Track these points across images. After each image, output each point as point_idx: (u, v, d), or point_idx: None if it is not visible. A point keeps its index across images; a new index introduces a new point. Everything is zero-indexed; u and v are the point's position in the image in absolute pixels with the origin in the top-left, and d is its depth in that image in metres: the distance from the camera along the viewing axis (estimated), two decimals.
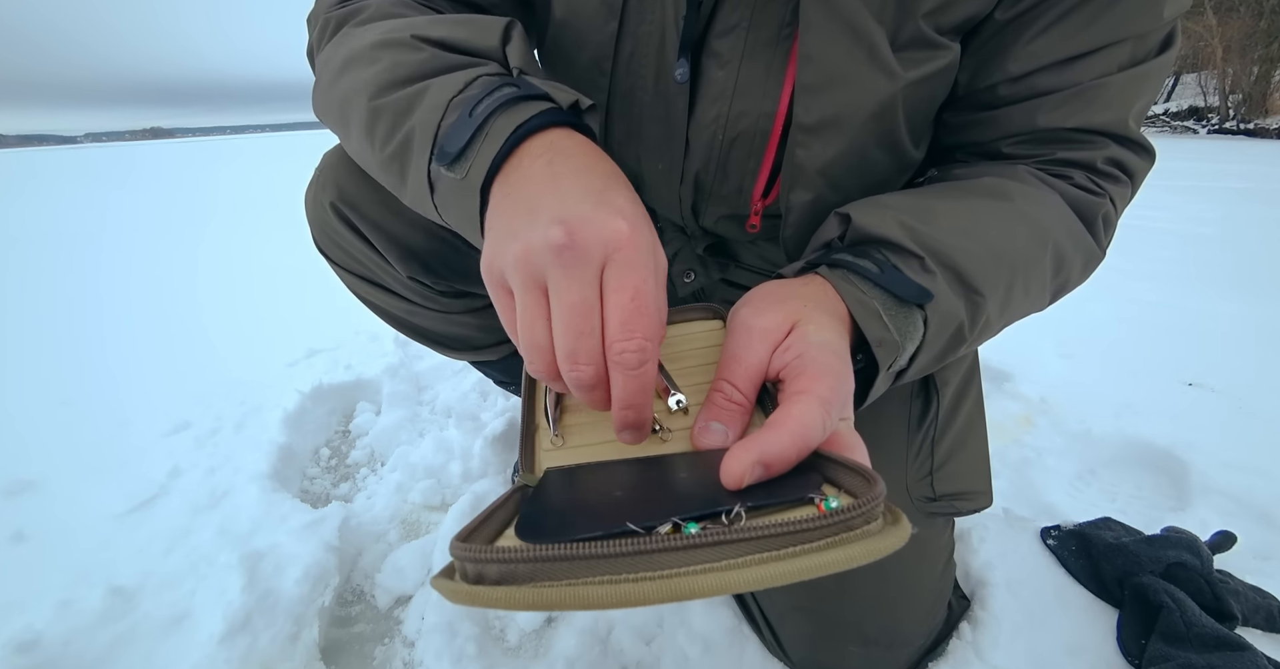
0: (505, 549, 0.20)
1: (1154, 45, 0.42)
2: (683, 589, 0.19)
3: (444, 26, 0.40)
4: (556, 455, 0.34)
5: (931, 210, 0.39)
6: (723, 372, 0.33)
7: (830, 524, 0.21)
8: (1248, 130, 10.91)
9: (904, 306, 0.36)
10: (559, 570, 0.20)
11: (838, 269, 0.37)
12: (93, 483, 0.96)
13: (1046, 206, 0.42)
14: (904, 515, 0.23)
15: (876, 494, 0.22)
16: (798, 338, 0.32)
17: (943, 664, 0.62)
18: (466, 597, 0.20)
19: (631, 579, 0.20)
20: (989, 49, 0.43)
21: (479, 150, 0.34)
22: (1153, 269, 2.03)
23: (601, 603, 0.19)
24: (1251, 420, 1.08)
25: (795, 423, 0.27)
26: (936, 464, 0.56)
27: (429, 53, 0.39)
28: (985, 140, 0.46)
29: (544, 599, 0.20)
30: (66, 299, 2.06)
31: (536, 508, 0.27)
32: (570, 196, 0.30)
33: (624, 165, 0.54)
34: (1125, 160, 0.45)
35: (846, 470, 0.26)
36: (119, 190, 5.96)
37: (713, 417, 0.32)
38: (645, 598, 0.19)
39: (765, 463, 0.25)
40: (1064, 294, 0.47)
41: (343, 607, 0.75)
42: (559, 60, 0.51)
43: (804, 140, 0.44)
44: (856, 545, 0.21)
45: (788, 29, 0.42)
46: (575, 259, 0.28)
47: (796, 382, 0.30)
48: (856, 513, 0.21)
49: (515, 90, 0.35)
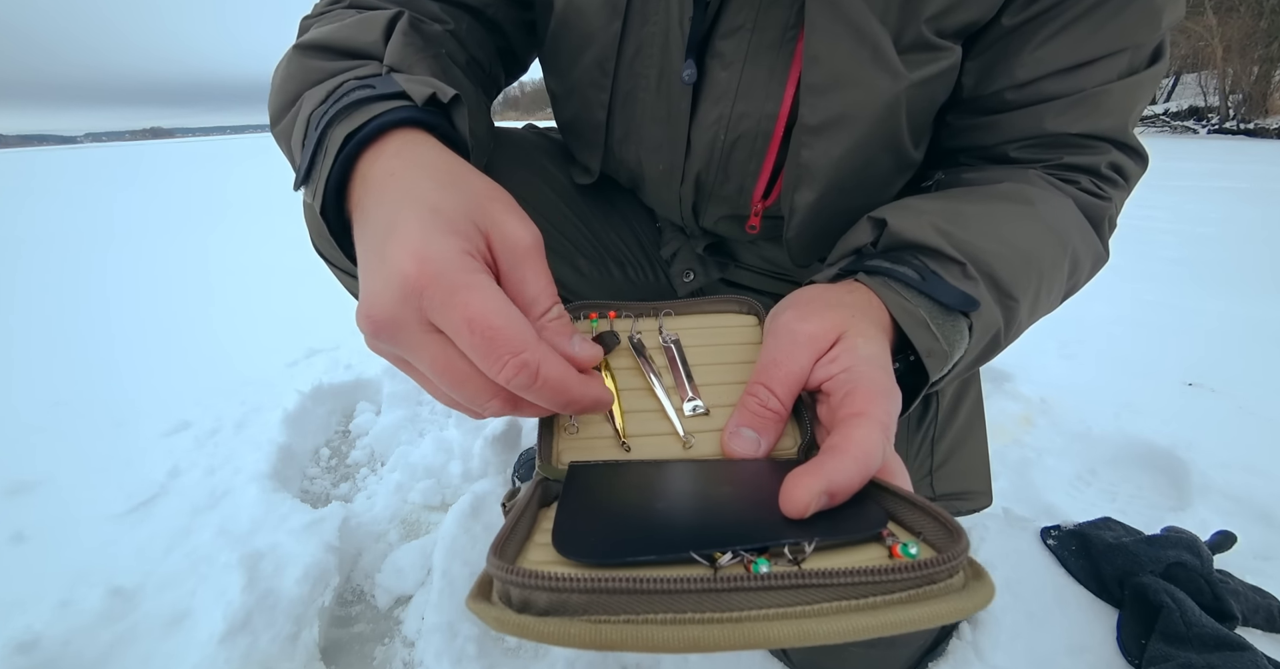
0: (558, 577, 0.19)
1: (1147, 56, 0.43)
2: (757, 636, 0.18)
3: (329, 30, 0.39)
4: (576, 445, 0.33)
5: (964, 215, 0.38)
6: (760, 375, 0.31)
7: (912, 577, 0.19)
8: (1248, 130, 10.91)
9: (949, 314, 0.35)
10: (616, 603, 0.19)
11: (876, 276, 0.36)
12: (93, 483, 0.96)
13: (1062, 211, 0.42)
14: (986, 571, 0.21)
15: (962, 548, 0.20)
16: (845, 350, 0.31)
17: (943, 664, 0.62)
18: (515, 628, 0.18)
19: (699, 620, 0.18)
20: (994, 54, 0.43)
21: (320, 167, 0.32)
22: (1153, 269, 2.03)
23: (668, 646, 0.18)
24: (1251, 420, 1.08)
25: (859, 449, 0.25)
26: (936, 464, 0.56)
27: (308, 63, 0.37)
28: (991, 144, 0.46)
29: (602, 637, 0.18)
30: (66, 299, 2.06)
31: (571, 515, 0.25)
32: (368, 262, 0.28)
33: (624, 165, 0.54)
34: (1124, 165, 0.46)
35: (915, 510, 0.24)
36: (119, 190, 5.96)
37: (746, 422, 0.31)
38: (716, 644, 0.18)
39: (831, 492, 0.24)
40: (1073, 294, 0.47)
41: (343, 607, 0.75)
42: (561, 60, 0.51)
43: (808, 141, 0.44)
44: (942, 603, 0.19)
45: (792, 31, 0.42)
46: (392, 334, 0.27)
47: (850, 401, 0.28)
48: (941, 567, 0.20)
49: (368, 91, 0.33)
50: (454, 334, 0.26)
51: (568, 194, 0.60)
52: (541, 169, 0.59)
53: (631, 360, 0.37)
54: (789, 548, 0.21)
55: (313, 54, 0.38)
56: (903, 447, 0.56)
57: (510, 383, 0.26)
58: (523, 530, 0.24)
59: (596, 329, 0.40)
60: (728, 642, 0.18)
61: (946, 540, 0.22)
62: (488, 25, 0.51)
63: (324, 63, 0.37)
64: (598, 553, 0.21)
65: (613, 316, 0.41)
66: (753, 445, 0.30)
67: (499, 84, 0.55)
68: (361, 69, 0.36)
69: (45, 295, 2.13)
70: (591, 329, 0.40)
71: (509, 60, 0.55)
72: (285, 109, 0.37)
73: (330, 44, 0.38)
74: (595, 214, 0.62)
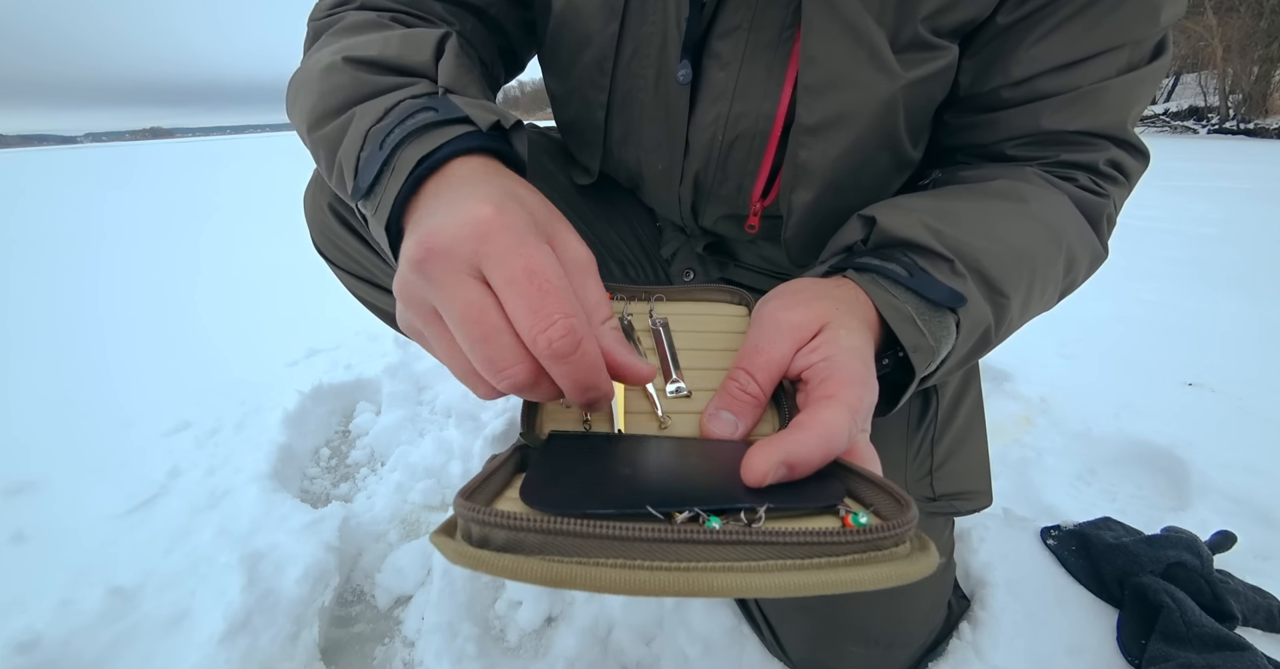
0: (517, 515, 0.19)
1: (1148, 51, 0.43)
2: (700, 585, 0.19)
3: (377, 45, 0.39)
4: (561, 417, 0.33)
5: (954, 212, 0.39)
6: (742, 361, 0.32)
7: (858, 541, 0.20)
8: (1248, 130, 10.91)
9: (936, 311, 0.35)
10: (570, 546, 0.19)
11: (865, 273, 0.36)
12: (93, 483, 0.96)
13: (1058, 208, 0.42)
14: (932, 544, 0.22)
15: (910, 518, 0.21)
16: (827, 340, 0.31)
17: (943, 664, 0.62)
18: (470, 560, 0.19)
19: (647, 566, 0.19)
20: (990, 52, 0.43)
21: (386, 185, 0.33)
22: (1153, 269, 2.03)
23: (614, 587, 0.19)
24: (1251, 420, 1.08)
25: (823, 427, 0.26)
26: (936, 464, 0.56)
27: (359, 76, 0.38)
28: (988, 142, 0.46)
29: (552, 574, 0.19)
30: (66, 299, 2.06)
31: (542, 473, 0.25)
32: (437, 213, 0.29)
33: (623, 165, 0.55)
34: (1123, 162, 0.45)
35: (871, 486, 0.25)
36: (119, 190, 5.96)
37: (725, 405, 0.31)
38: (661, 588, 0.19)
39: (790, 464, 0.25)
40: (1070, 293, 0.47)
41: (343, 607, 0.75)
42: (559, 61, 0.51)
43: (806, 141, 0.44)
44: (884, 566, 0.20)
45: (789, 31, 0.42)
46: (437, 266, 0.26)
47: (824, 386, 0.29)
48: (887, 534, 0.21)
49: (432, 115, 0.34)
50: (509, 282, 0.25)
51: (568, 193, 0.60)
52: (541, 168, 0.59)
53: None
54: (744, 512, 0.22)
55: (363, 68, 0.38)
56: (902, 447, 0.56)
57: (552, 345, 0.25)
58: (494, 486, 0.25)
59: None
60: (672, 587, 0.19)
61: (896, 511, 0.23)
62: (490, 26, 0.51)
63: (376, 77, 0.38)
64: (560, 505, 0.22)
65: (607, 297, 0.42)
66: (730, 428, 0.31)
67: (499, 84, 0.55)
68: (415, 87, 0.37)
69: (45, 295, 2.13)
70: None
71: (509, 60, 0.55)
72: (330, 117, 0.38)
73: (380, 60, 0.39)
74: (595, 214, 0.62)
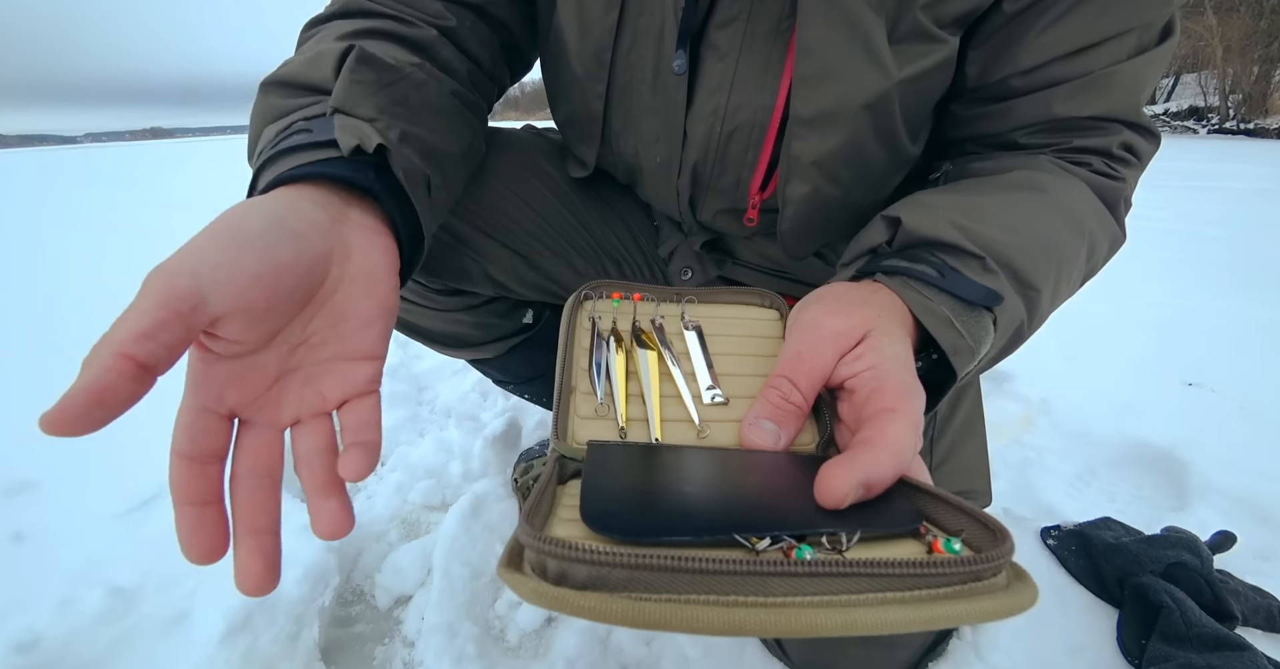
0: (600, 551, 0.18)
1: (1156, 33, 0.42)
2: (801, 623, 0.17)
3: (290, 65, 0.40)
4: (594, 425, 0.32)
5: (978, 208, 0.38)
6: (784, 368, 0.31)
7: (959, 572, 0.19)
8: (1248, 130, 10.92)
9: (972, 310, 0.34)
10: (658, 581, 0.18)
11: (895, 276, 0.35)
12: (93, 483, 0.96)
13: (1076, 195, 0.42)
14: (1028, 573, 0.21)
15: (1008, 548, 0.20)
16: (871, 348, 0.30)
17: (943, 664, 0.62)
18: (553, 601, 0.18)
19: (743, 603, 0.18)
20: (998, 41, 0.43)
21: None
22: (1153, 269, 2.03)
23: (710, 627, 0.17)
24: (1251, 420, 1.08)
25: (894, 443, 0.25)
26: (935, 463, 0.56)
27: (268, 100, 0.38)
28: (1000, 131, 0.46)
29: (645, 616, 0.17)
30: (67, 299, 2.06)
31: (598, 492, 0.24)
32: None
33: (621, 157, 0.55)
34: (1135, 144, 0.45)
35: (948, 508, 0.24)
36: (119, 190, 5.96)
37: (767, 414, 0.31)
38: (761, 628, 0.17)
39: (868, 484, 0.24)
40: (1091, 278, 0.46)
41: (343, 607, 0.75)
42: (560, 53, 0.51)
43: (800, 133, 0.43)
44: (988, 600, 0.19)
45: (786, 22, 0.42)
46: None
47: (881, 397, 0.28)
48: (987, 565, 0.20)
49: (305, 137, 0.34)
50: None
51: (564, 193, 0.60)
52: (538, 168, 0.59)
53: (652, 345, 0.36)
54: (827, 538, 0.21)
55: (274, 90, 0.39)
56: None
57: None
58: (545, 505, 0.24)
59: (618, 309, 0.40)
60: (772, 627, 0.18)
61: (989, 540, 0.22)
62: (492, 23, 0.51)
63: (281, 100, 0.38)
64: (631, 530, 0.20)
65: (637, 299, 0.41)
66: (772, 437, 0.30)
67: (503, 83, 0.55)
68: (313, 107, 0.37)
69: (45, 295, 2.13)
70: (614, 308, 0.40)
71: (514, 57, 0.55)
72: (253, 145, 0.38)
73: (288, 79, 0.39)
74: (592, 213, 0.62)
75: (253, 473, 0.29)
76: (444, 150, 0.41)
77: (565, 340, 0.36)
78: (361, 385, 0.31)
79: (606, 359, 0.35)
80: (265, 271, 0.27)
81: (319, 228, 0.30)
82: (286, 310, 0.28)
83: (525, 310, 0.70)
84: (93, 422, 0.22)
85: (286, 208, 0.30)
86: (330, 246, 0.30)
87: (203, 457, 0.28)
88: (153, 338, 0.23)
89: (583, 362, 0.35)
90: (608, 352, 0.35)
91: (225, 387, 0.28)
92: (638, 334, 0.37)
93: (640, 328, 0.38)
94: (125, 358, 0.22)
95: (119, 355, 0.22)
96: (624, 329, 0.38)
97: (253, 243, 0.27)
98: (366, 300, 0.31)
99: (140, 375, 0.23)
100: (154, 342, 0.23)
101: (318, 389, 0.30)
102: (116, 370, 0.22)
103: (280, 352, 0.29)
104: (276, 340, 0.29)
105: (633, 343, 0.36)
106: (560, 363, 0.34)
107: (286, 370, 0.29)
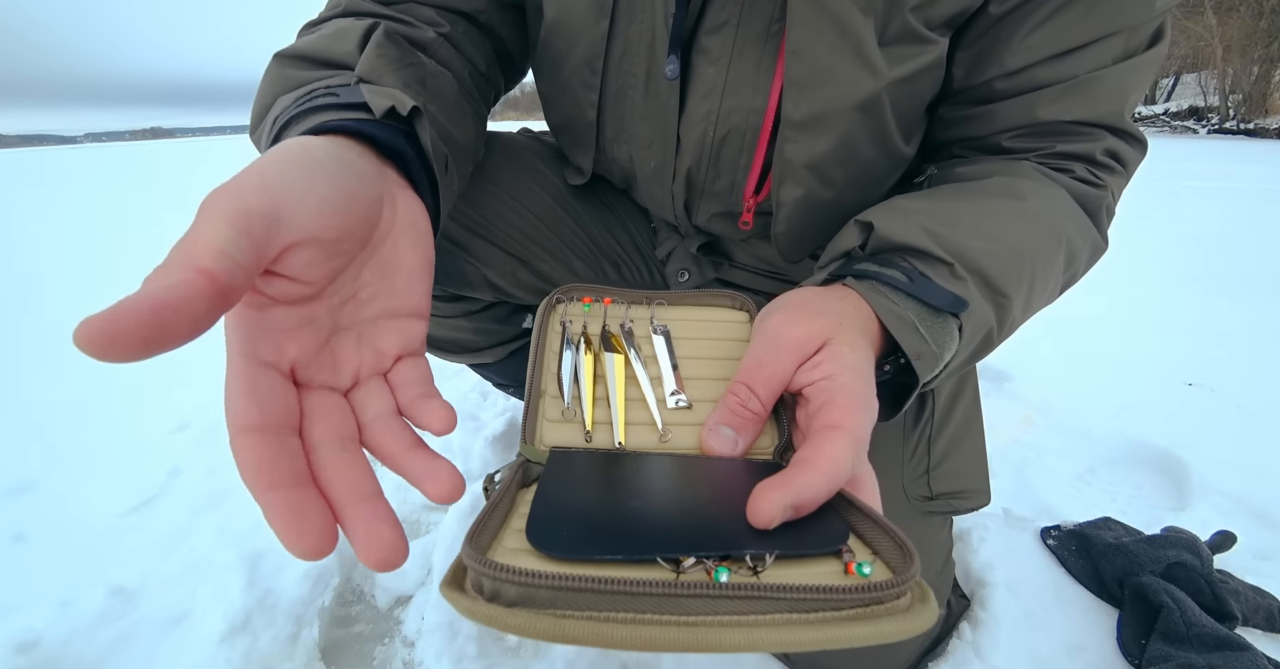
0: (528, 573, 0.19)
1: (1145, 38, 0.42)
2: (708, 641, 0.19)
3: (308, 41, 0.39)
4: (560, 430, 0.33)
5: (952, 214, 0.38)
6: (744, 375, 0.32)
7: (861, 597, 0.21)
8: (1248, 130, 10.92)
9: (938, 316, 0.35)
10: (582, 600, 0.20)
11: (865, 280, 0.36)
12: (93, 483, 0.96)
13: (1056, 203, 0.42)
14: (932, 593, 0.22)
15: (912, 573, 0.21)
16: (829, 357, 0.31)
17: (943, 664, 0.62)
18: (484, 618, 0.19)
19: (657, 622, 0.19)
20: (984, 43, 0.43)
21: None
22: (1152, 269, 2.03)
23: (624, 643, 0.19)
24: (1251, 420, 1.08)
25: (829, 464, 0.26)
26: (933, 463, 0.56)
27: (284, 72, 0.38)
28: (983, 134, 0.46)
29: (564, 631, 0.19)
30: (66, 299, 2.06)
31: (547, 506, 0.25)
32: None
33: (616, 163, 0.55)
34: (1121, 151, 0.45)
35: (873, 526, 0.25)
36: (119, 190, 5.96)
37: (726, 421, 0.31)
38: (670, 645, 0.19)
39: (798, 506, 0.24)
40: (1071, 286, 0.47)
41: (343, 607, 0.75)
42: (551, 61, 0.51)
43: (792, 136, 0.44)
44: (884, 622, 0.20)
45: (776, 25, 0.42)
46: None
47: (829, 412, 0.28)
48: (889, 591, 0.21)
49: (332, 99, 0.32)
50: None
51: (562, 196, 0.60)
52: (536, 172, 0.59)
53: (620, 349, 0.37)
54: (750, 557, 0.23)
55: (290, 63, 0.39)
56: (899, 446, 0.56)
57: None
58: (501, 512, 0.25)
59: (589, 313, 0.40)
60: (681, 644, 0.19)
61: (900, 561, 0.23)
62: (483, 30, 0.51)
63: (299, 72, 0.38)
64: (568, 548, 0.22)
65: (607, 303, 0.41)
66: (730, 444, 0.31)
67: (498, 87, 0.55)
68: (334, 79, 0.36)
69: (45, 295, 2.13)
70: (584, 313, 0.40)
71: (506, 64, 0.55)
72: (261, 116, 0.38)
73: (307, 54, 0.38)
74: (590, 216, 0.62)
75: (335, 436, 0.25)
76: (455, 139, 0.42)
77: (537, 344, 0.37)
78: (416, 343, 0.29)
79: (575, 363, 0.36)
80: (337, 197, 0.24)
81: (370, 170, 0.28)
82: (350, 247, 0.26)
83: (525, 315, 0.70)
84: (144, 342, 0.17)
85: (337, 147, 0.27)
86: (382, 191, 0.28)
87: (277, 426, 0.23)
88: (230, 256, 0.19)
89: (552, 365, 0.36)
90: (576, 355, 0.36)
91: (284, 338, 0.24)
92: (606, 338, 0.38)
93: (610, 331, 0.39)
94: (203, 273, 0.18)
95: (197, 269, 0.18)
96: (594, 333, 0.39)
97: (322, 168, 0.25)
98: (416, 251, 0.29)
99: (215, 299, 0.18)
100: (232, 260, 0.19)
101: (375, 347, 0.28)
102: (192, 285, 0.18)
103: (331, 304, 0.26)
104: (329, 290, 0.26)
105: (600, 346, 0.37)
106: (531, 367, 0.35)
107: (338, 328, 0.27)
